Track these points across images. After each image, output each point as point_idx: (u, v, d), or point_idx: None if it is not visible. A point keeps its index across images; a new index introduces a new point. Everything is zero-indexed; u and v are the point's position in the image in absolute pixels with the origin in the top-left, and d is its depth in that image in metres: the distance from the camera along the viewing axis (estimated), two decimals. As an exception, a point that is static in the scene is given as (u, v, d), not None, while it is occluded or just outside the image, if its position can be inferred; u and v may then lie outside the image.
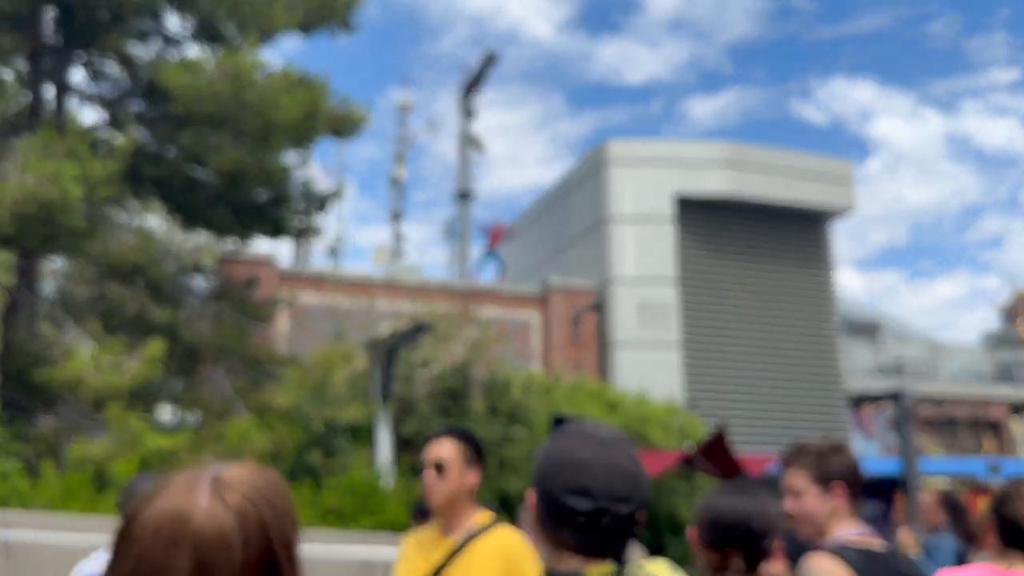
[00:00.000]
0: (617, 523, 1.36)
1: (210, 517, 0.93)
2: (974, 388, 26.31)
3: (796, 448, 2.69)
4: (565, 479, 1.37)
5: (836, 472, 2.59)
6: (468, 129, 24.05)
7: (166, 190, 14.21)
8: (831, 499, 2.58)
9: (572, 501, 1.35)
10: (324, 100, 12.94)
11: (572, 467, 1.38)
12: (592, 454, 1.39)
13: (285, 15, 12.88)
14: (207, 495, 0.96)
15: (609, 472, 1.37)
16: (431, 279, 19.82)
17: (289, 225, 14.88)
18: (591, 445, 1.40)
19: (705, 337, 20.70)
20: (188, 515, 0.93)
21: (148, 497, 0.97)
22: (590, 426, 1.46)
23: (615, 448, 1.42)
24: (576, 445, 1.41)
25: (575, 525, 1.35)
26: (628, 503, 1.37)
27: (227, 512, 0.94)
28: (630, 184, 20.99)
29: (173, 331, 13.76)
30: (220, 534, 0.92)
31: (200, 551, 0.91)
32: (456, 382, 15.00)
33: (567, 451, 1.41)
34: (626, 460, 1.41)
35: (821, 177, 22.18)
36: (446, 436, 3.07)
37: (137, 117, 14.86)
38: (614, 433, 1.46)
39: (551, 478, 1.39)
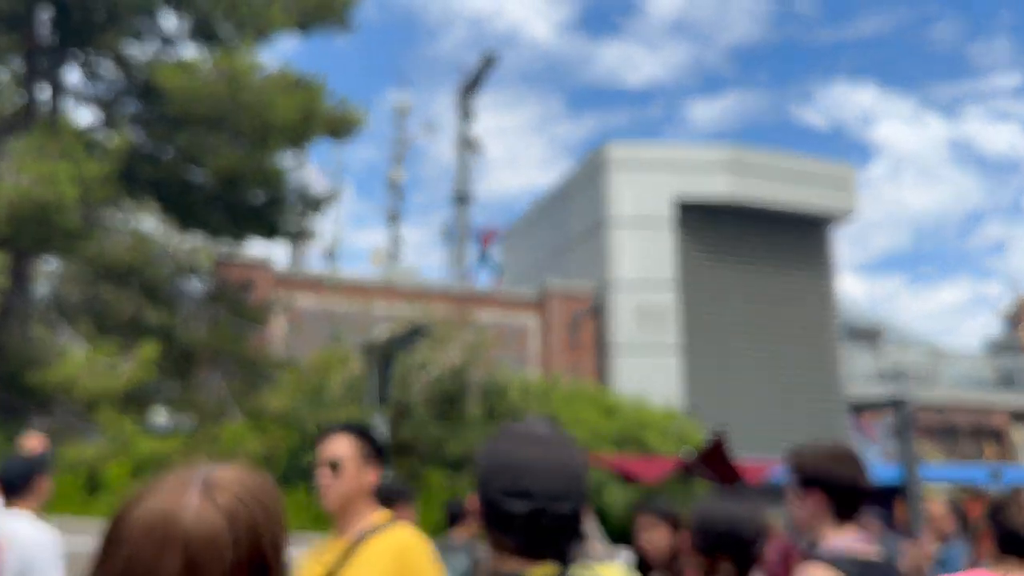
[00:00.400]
0: (557, 523, 1.34)
1: (200, 518, 0.93)
2: (975, 395, 26.21)
3: (791, 452, 2.69)
4: (503, 481, 1.36)
5: (812, 477, 2.55)
6: (466, 131, 24.02)
7: (162, 191, 14.14)
8: (809, 504, 2.55)
9: (510, 503, 1.34)
10: (321, 101, 12.88)
11: (510, 469, 1.37)
12: (530, 454, 1.37)
13: (282, 15, 12.84)
14: (197, 496, 0.96)
15: (547, 472, 1.36)
16: (428, 282, 19.76)
17: (285, 227, 14.81)
18: (529, 445, 1.39)
19: (705, 342, 20.60)
20: (178, 516, 0.93)
21: (137, 497, 0.97)
22: (529, 426, 1.44)
23: (554, 447, 1.39)
24: (514, 446, 1.40)
25: (515, 527, 1.34)
26: (567, 502, 1.35)
27: (217, 513, 0.94)
28: (629, 187, 20.90)
29: (168, 333, 13.68)
30: (210, 535, 0.93)
31: (190, 551, 0.91)
32: (453, 386, 14.90)
33: (505, 453, 1.39)
34: (566, 458, 1.39)
35: (822, 181, 22.09)
36: (342, 432, 2.78)
37: (133, 118, 14.80)
38: (554, 432, 1.44)
39: (490, 481, 1.37)
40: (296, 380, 13.82)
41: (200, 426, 13.55)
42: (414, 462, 14.00)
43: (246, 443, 12.85)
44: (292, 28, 13.40)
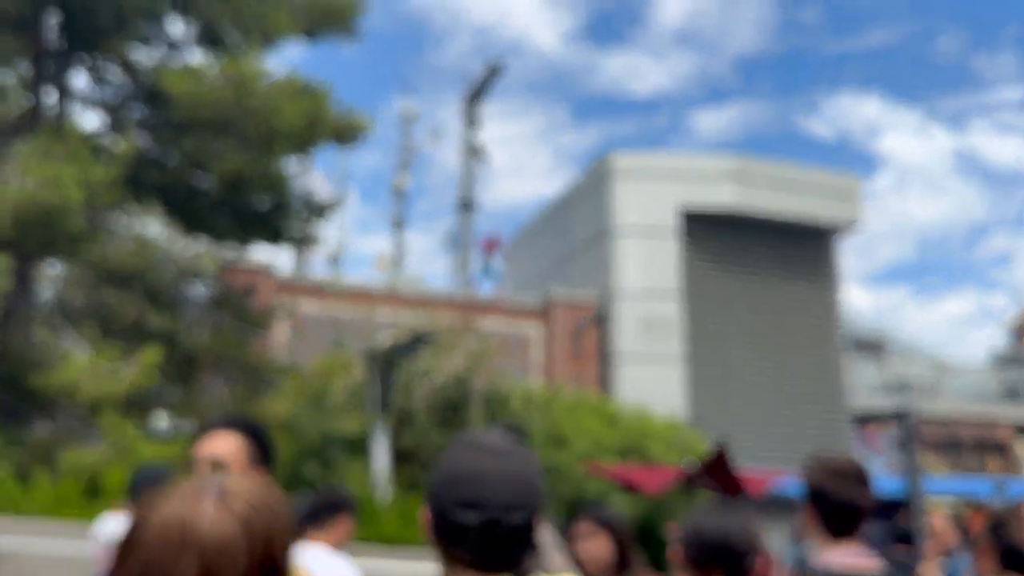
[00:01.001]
0: (510, 533, 1.32)
1: (215, 524, 0.97)
2: (980, 408, 26.13)
3: (803, 463, 2.67)
4: (455, 493, 1.34)
5: (811, 491, 2.53)
6: (472, 139, 24.05)
7: (167, 195, 14.17)
8: (807, 517, 2.54)
9: (462, 515, 1.32)
10: (327, 107, 12.91)
11: (462, 480, 1.34)
12: (483, 464, 1.35)
13: (288, 22, 12.90)
14: (212, 503, 0.99)
15: (499, 482, 1.33)
16: (432, 289, 19.78)
17: (290, 233, 14.83)
18: (482, 455, 1.36)
19: (709, 352, 20.56)
20: (194, 522, 0.97)
21: (154, 504, 1.00)
22: (482, 436, 1.42)
23: (507, 457, 1.37)
24: (467, 457, 1.37)
25: (467, 539, 1.31)
26: (520, 511, 1.33)
27: (232, 519, 0.98)
28: (634, 196, 20.90)
29: (171, 338, 13.67)
30: (225, 541, 0.97)
31: (206, 557, 0.95)
32: (455, 394, 14.89)
33: (457, 464, 1.37)
34: (519, 467, 1.37)
35: (828, 192, 22.07)
36: (227, 428, 2.33)
37: (139, 122, 14.85)
38: (508, 442, 1.41)
39: (441, 493, 1.35)
40: (298, 386, 13.81)
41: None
42: (416, 470, 13.98)
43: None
44: (299, 34, 13.45)
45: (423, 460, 14.35)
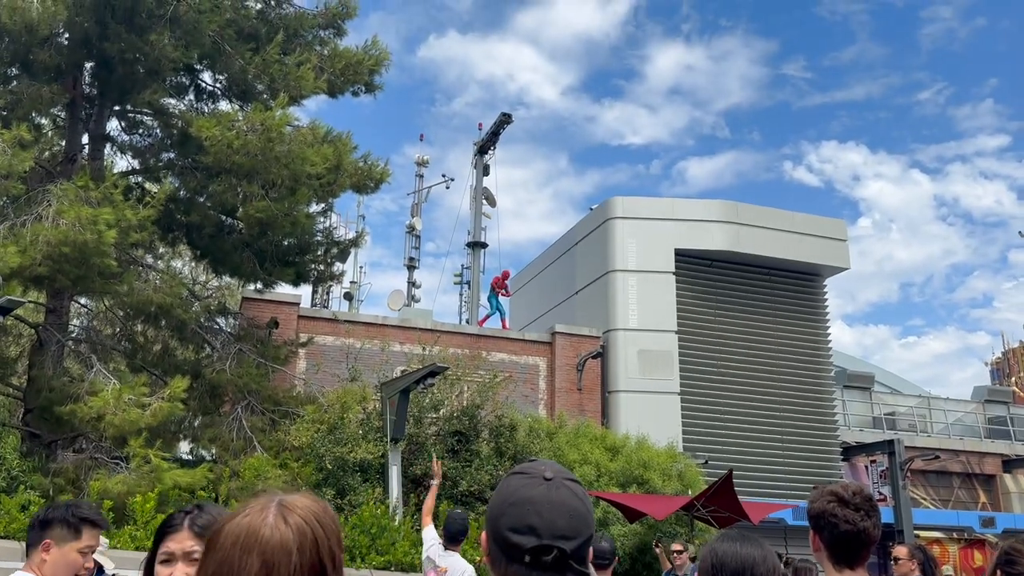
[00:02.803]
0: (562, 559, 1.38)
1: (274, 531, 1.17)
2: (967, 442, 26.71)
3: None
4: (511, 518, 1.41)
5: (812, 517, 2.54)
6: (481, 183, 24.90)
7: (195, 235, 14.75)
8: (813, 545, 2.54)
9: (517, 539, 1.38)
10: (348, 155, 13.60)
11: (517, 506, 1.41)
12: (536, 493, 1.42)
13: (313, 78, 13.54)
14: (273, 515, 1.20)
15: (552, 510, 1.40)
16: (443, 323, 20.35)
17: (310, 272, 15.37)
18: (536, 484, 1.44)
19: (704, 386, 21.22)
20: (258, 529, 1.18)
21: (230, 516, 1.23)
22: (536, 465, 1.50)
23: (559, 486, 1.44)
24: (522, 485, 1.45)
25: (522, 562, 1.38)
26: (572, 540, 1.39)
27: (288, 528, 1.18)
28: (633, 238, 21.74)
29: (196, 370, 14.21)
30: (282, 544, 1.16)
31: (266, 556, 1.15)
32: (464, 424, 15.40)
33: (513, 491, 1.45)
34: (570, 498, 1.44)
35: (816, 235, 22.95)
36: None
37: (169, 165, 15.47)
38: (560, 471, 1.49)
39: (498, 518, 1.43)
40: (316, 416, 14.27)
41: (224, 460, 13.99)
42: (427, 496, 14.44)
43: (267, 477, 13.27)
44: (323, 91, 14.10)
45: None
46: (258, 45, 14.44)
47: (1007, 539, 2.67)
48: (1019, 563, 2.43)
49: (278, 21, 14.87)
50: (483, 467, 14.68)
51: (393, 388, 14.12)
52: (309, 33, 15.07)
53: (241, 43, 14.35)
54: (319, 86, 13.65)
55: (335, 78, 14.18)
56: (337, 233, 16.93)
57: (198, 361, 14.58)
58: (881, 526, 2.50)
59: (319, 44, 15.03)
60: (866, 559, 2.47)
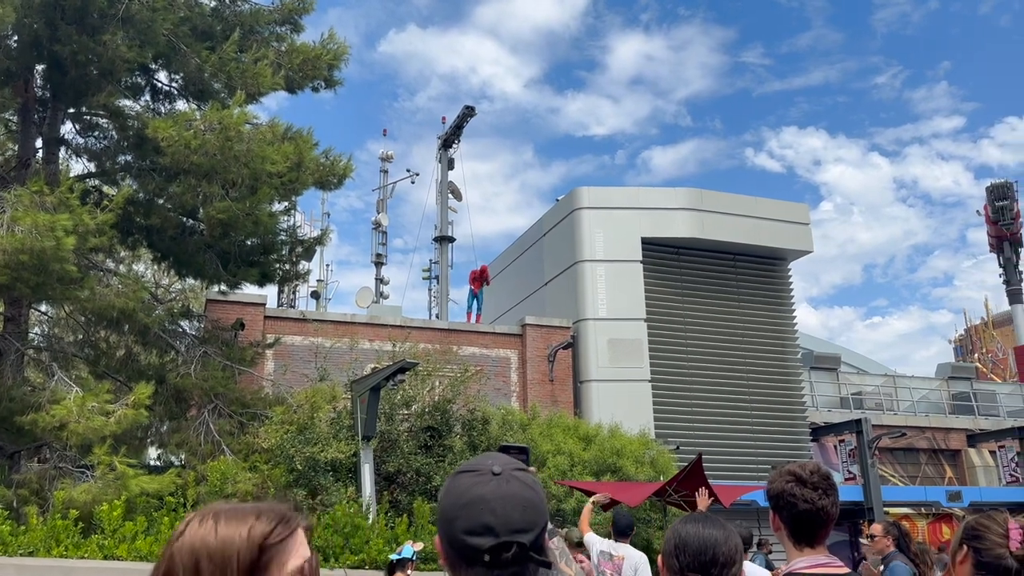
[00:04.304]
0: (522, 553, 1.34)
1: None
2: (933, 419, 27.25)
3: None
4: (465, 520, 1.36)
5: (771, 497, 2.51)
6: (447, 178, 24.83)
7: (155, 238, 14.51)
8: (774, 525, 2.52)
9: (475, 540, 1.34)
10: (310, 151, 13.44)
11: (470, 507, 1.36)
12: (487, 490, 1.37)
13: (270, 75, 13.37)
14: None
15: (505, 505, 1.36)
16: (413, 319, 20.27)
17: (275, 272, 15.20)
18: (485, 481, 1.39)
19: (674, 372, 21.40)
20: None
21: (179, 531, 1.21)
22: (483, 461, 1.46)
23: (509, 479, 1.40)
24: (471, 484, 1.40)
25: (482, 563, 1.34)
26: (530, 532, 1.36)
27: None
28: (600, 228, 21.83)
29: (160, 375, 14.00)
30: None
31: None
32: (436, 420, 15.37)
33: (463, 491, 1.40)
34: (522, 489, 1.39)
35: (779, 220, 23.23)
36: None
37: (126, 168, 15.19)
38: (508, 463, 1.45)
39: (452, 521, 1.38)
40: (285, 417, 14.14)
41: (192, 465, 13.81)
42: (400, 494, 14.42)
43: (236, 480, 13.12)
44: (281, 87, 13.92)
45: (407, 484, 14.80)
46: (214, 43, 14.22)
47: (973, 512, 2.59)
48: (986, 538, 2.33)
49: (233, 18, 14.65)
50: (456, 462, 14.67)
51: (363, 386, 14.06)
52: (265, 29, 14.87)
53: (196, 41, 14.12)
54: (277, 82, 13.46)
55: (293, 74, 14.01)
56: (302, 231, 16.76)
57: (162, 366, 14.35)
58: (839, 504, 2.50)
59: (276, 40, 14.84)
60: (826, 536, 2.47)
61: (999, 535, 2.32)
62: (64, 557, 11.14)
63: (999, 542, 2.31)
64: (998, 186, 49.85)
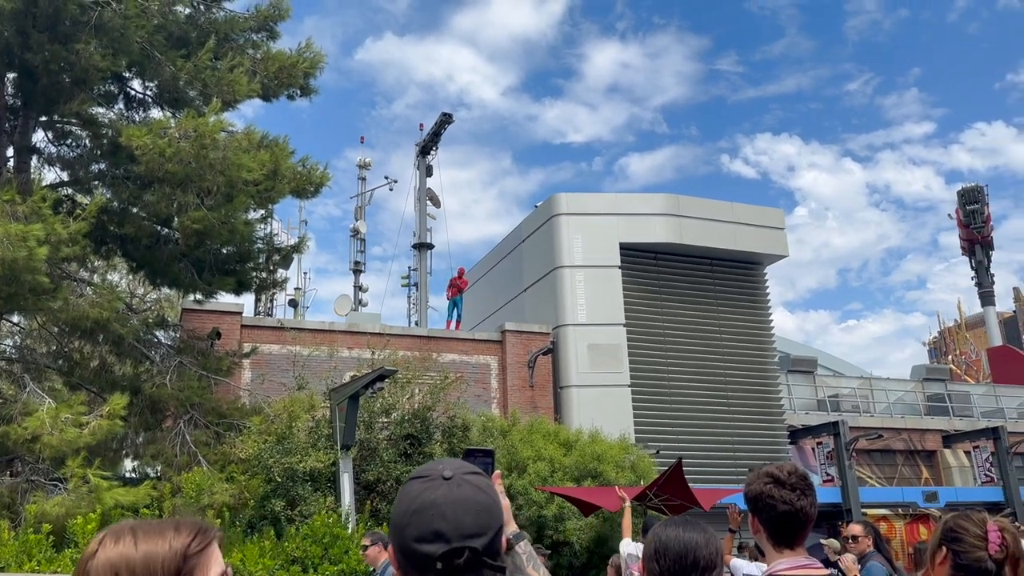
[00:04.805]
0: (475, 558, 1.30)
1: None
2: (908, 420, 27.55)
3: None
4: (415, 527, 1.32)
5: (750, 499, 2.49)
6: (425, 184, 24.82)
7: (130, 248, 14.35)
8: (753, 528, 2.49)
9: (426, 548, 1.30)
10: (286, 159, 13.36)
11: (420, 513, 1.32)
12: (438, 495, 1.33)
13: (246, 82, 13.27)
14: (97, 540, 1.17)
15: (457, 509, 1.32)
16: (392, 326, 20.20)
17: (252, 281, 15.08)
18: (436, 486, 1.35)
19: (652, 377, 21.48)
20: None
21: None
22: (434, 466, 1.41)
23: (461, 483, 1.36)
24: (422, 489, 1.35)
25: (434, 571, 1.30)
26: (482, 536, 1.32)
27: None
28: (578, 233, 21.91)
29: (135, 386, 13.82)
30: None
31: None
32: (416, 427, 15.31)
33: (414, 497, 1.35)
34: (474, 493, 1.35)
35: (756, 224, 23.43)
36: None
37: (100, 176, 15.02)
38: (460, 467, 1.41)
39: (403, 529, 1.34)
40: (262, 427, 14.02)
41: (167, 477, 13.64)
42: (380, 503, 14.33)
43: (213, 492, 12.98)
44: (256, 95, 13.83)
45: (387, 493, 14.72)
46: (189, 51, 14.11)
47: (950, 513, 2.55)
48: (964, 540, 2.34)
49: (208, 25, 14.56)
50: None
51: (342, 394, 13.97)
52: (241, 37, 14.78)
53: (171, 49, 14.00)
54: (253, 89, 13.37)
55: (269, 81, 13.93)
56: (279, 239, 16.67)
57: (137, 376, 14.18)
58: (817, 504, 2.49)
59: (251, 48, 14.76)
60: (805, 538, 2.45)
61: (978, 537, 2.32)
62: (36, 572, 10.97)
63: (978, 544, 2.31)
64: (969, 190, 50.63)
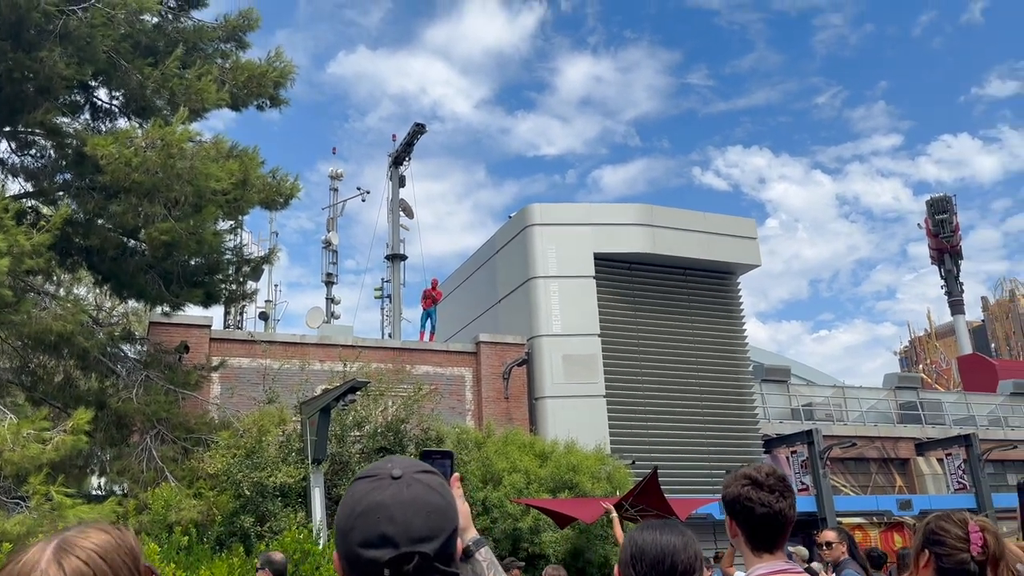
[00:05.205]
0: (425, 564, 1.21)
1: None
2: (881, 428, 27.77)
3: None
4: (361, 531, 1.22)
5: (728, 502, 2.42)
6: (398, 195, 24.69)
7: (95, 260, 14.09)
8: (731, 532, 2.43)
9: (372, 553, 1.20)
10: (256, 170, 13.18)
11: (366, 515, 1.22)
12: (386, 496, 1.23)
13: (215, 91, 13.11)
14: (47, 559, 1.05)
15: (406, 511, 1.22)
16: (365, 338, 19.99)
17: (221, 293, 14.86)
18: (384, 486, 1.25)
19: (627, 388, 21.46)
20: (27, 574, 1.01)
21: (4, 564, 1.08)
22: (382, 465, 1.31)
23: (411, 483, 1.26)
24: (369, 489, 1.26)
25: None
26: (434, 540, 1.22)
27: (61, 573, 1.03)
28: (553, 244, 21.88)
29: (101, 400, 13.53)
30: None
31: None
32: (389, 440, 15.13)
33: (359, 498, 1.25)
34: (425, 493, 1.25)
35: (728, 234, 23.57)
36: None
37: (65, 187, 14.76)
38: (410, 466, 1.31)
39: (347, 533, 1.24)
40: (231, 442, 13.80)
41: (134, 493, 13.36)
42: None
43: (181, 508, 12.73)
44: (225, 104, 13.64)
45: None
46: (156, 59, 13.91)
47: (925, 519, 2.51)
48: (947, 543, 2.31)
49: (176, 35, 14.37)
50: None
51: (313, 407, 13.79)
52: (209, 46, 14.60)
53: (138, 58, 13.78)
54: (222, 98, 13.19)
55: (238, 91, 13.75)
56: (249, 251, 16.43)
57: (103, 391, 13.89)
58: (796, 506, 2.42)
59: (220, 57, 14.58)
60: (784, 541, 2.39)
61: (960, 539, 2.30)
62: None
63: (960, 547, 2.29)
64: (937, 200, 51.43)
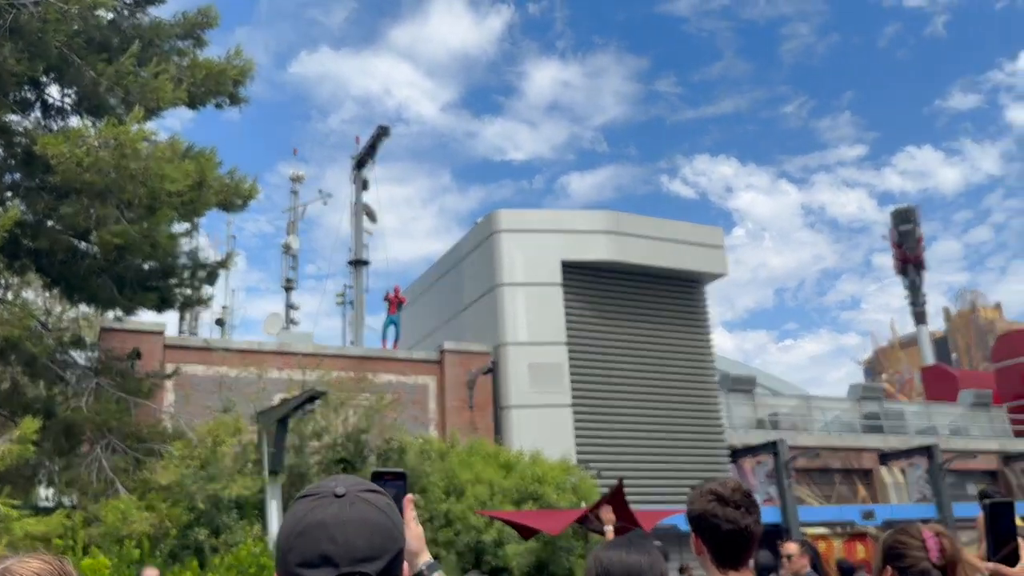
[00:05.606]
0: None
1: None
2: (845, 438, 27.94)
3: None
4: (300, 551, 1.17)
5: (692, 518, 2.39)
6: (361, 198, 24.33)
7: (45, 262, 13.64)
8: (696, 548, 2.40)
9: (311, 574, 1.15)
10: (213, 171, 12.84)
11: (306, 535, 1.18)
12: (327, 515, 1.18)
13: (171, 89, 12.75)
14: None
15: (348, 530, 1.17)
16: (326, 346, 19.59)
17: (175, 297, 14.48)
18: (326, 504, 1.20)
19: (593, 397, 21.29)
20: None
21: None
22: (326, 483, 1.26)
23: (354, 501, 1.21)
24: (310, 508, 1.20)
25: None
26: (377, 560, 1.18)
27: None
28: (519, 251, 21.68)
29: (49, 408, 13.07)
30: None
31: None
32: (350, 451, 14.83)
33: (300, 517, 1.20)
34: (369, 512, 1.21)
35: (695, 243, 23.57)
36: None
37: (13, 188, 14.29)
38: (355, 484, 1.26)
39: (287, 553, 1.18)
40: (185, 452, 13.43)
41: (83, 505, 12.93)
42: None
43: (132, 520, 12.33)
44: (182, 102, 13.31)
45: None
46: (111, 56, 13.50)
47: (887, 531, 2.52)
48: (907, 556, 2.32)
49: (132, 31, 13.97)
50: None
51: (270, 417, 13.47)
52: (166, 44, 14.21)
53: (92, 54, 13.36)
54: (178, 96, 12.82)
55: (196, 89, 13.38)
56: (206, 255, 16.00)
57: (51, 398, 13.42)
58: (762, 522, 2.38)
59: (177, 55, 14.20)
60: (750, 557, 2.36)
61: (918, 549, 2.32)
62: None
63: (920, 556, 2.31)
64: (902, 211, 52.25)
